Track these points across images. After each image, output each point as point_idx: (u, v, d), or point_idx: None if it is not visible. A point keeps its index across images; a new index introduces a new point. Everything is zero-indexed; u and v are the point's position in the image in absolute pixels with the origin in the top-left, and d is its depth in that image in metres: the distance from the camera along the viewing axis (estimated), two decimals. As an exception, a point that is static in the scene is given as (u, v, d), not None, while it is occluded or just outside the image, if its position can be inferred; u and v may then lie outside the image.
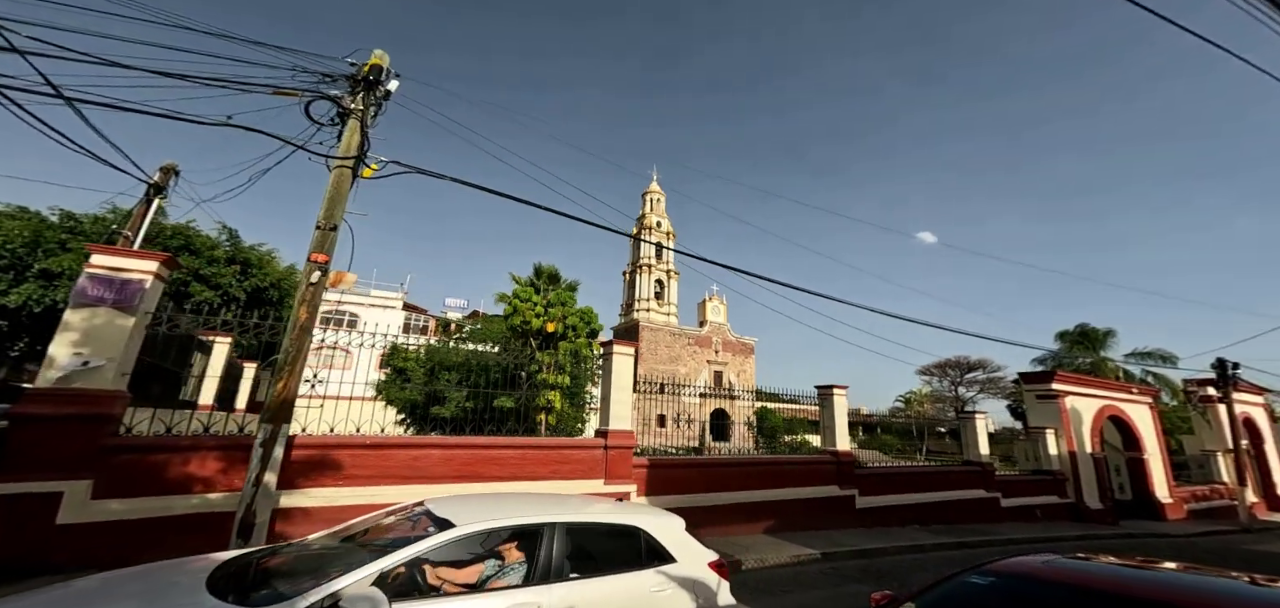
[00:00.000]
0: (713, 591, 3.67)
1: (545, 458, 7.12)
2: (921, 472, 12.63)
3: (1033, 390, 15.64)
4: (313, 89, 5.04)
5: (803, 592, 6.40)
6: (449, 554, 3.06)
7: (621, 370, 8.59)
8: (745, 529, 9.40)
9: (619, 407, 8.32)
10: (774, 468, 10.44)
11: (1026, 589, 2.65)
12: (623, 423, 8.30)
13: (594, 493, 7.65)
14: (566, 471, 7.32)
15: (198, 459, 5.10)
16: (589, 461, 7.72)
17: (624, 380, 8.57)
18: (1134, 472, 16.50)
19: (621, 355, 8.70)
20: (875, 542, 9.62)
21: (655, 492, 8.31)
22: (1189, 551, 11.32)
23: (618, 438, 8.17)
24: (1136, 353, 34.52)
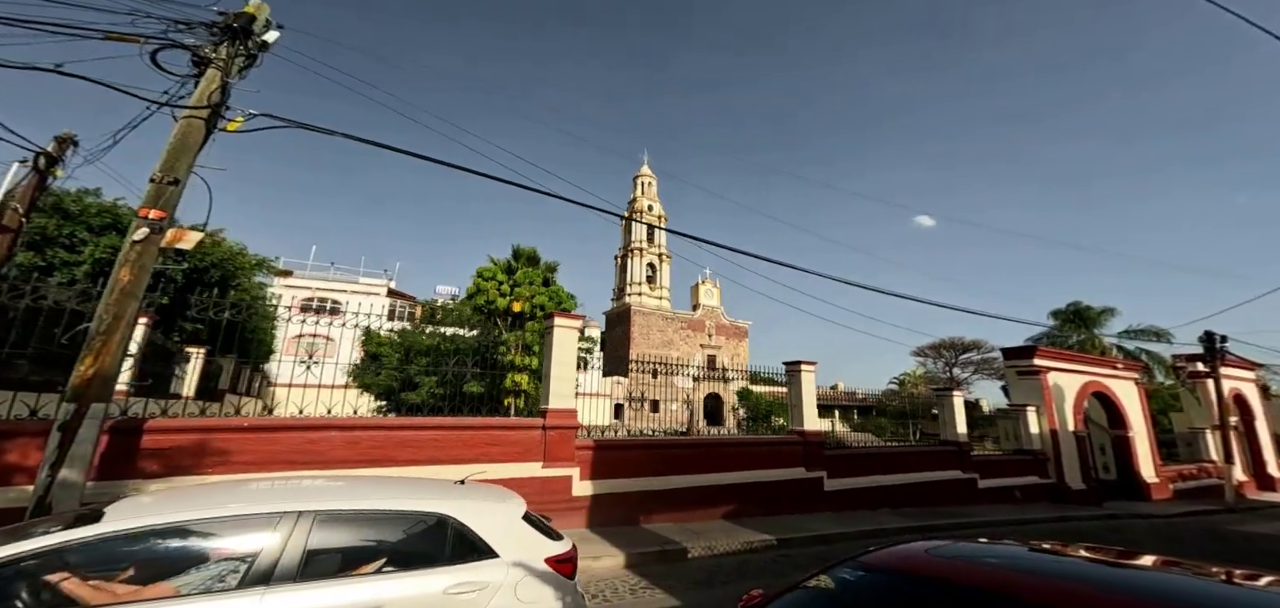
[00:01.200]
0: (547, 593, 2.95)
1: (472, 440, 6.66)
2: (894, 452, 12.20)
3: (1014, 366, 15.17)
4: (161, 36, 4.48)
5: (743, 582, 5.94)
6: (94, 557, 2.29)
7: (563, 345, 8.09)
8: (703, 514, 8.98)
9: (560, 384, 7.84)
10: (737, 450, 10.00)
11: (897, 586, 2.17)
12: (565, 402, 7.83)
13: (532, 477, 7.19)
14: (497, 453, 6.87)
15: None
16: (525, 442, 7.26)
17: (566, 357, 8.08)
18: (1119, 450, 16.10)
19: (563, 330, 8.20)
20: (839, 526, 9.22)
21: (600, 476, 7.87)
22: (1166, 532, 10.93)
23: (558, 418, 7.70)
24: (1130, 331, 33.96)
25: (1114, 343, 33.69)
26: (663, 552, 6.68)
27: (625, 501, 8.06)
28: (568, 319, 8.36)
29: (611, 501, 7.90)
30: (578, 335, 8.30)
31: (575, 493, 7.45)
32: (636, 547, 6.66)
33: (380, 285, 37.92)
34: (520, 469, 7.04)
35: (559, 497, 7.29)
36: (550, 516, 7.18)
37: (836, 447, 11.94)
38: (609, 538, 6.97)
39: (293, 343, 24.07)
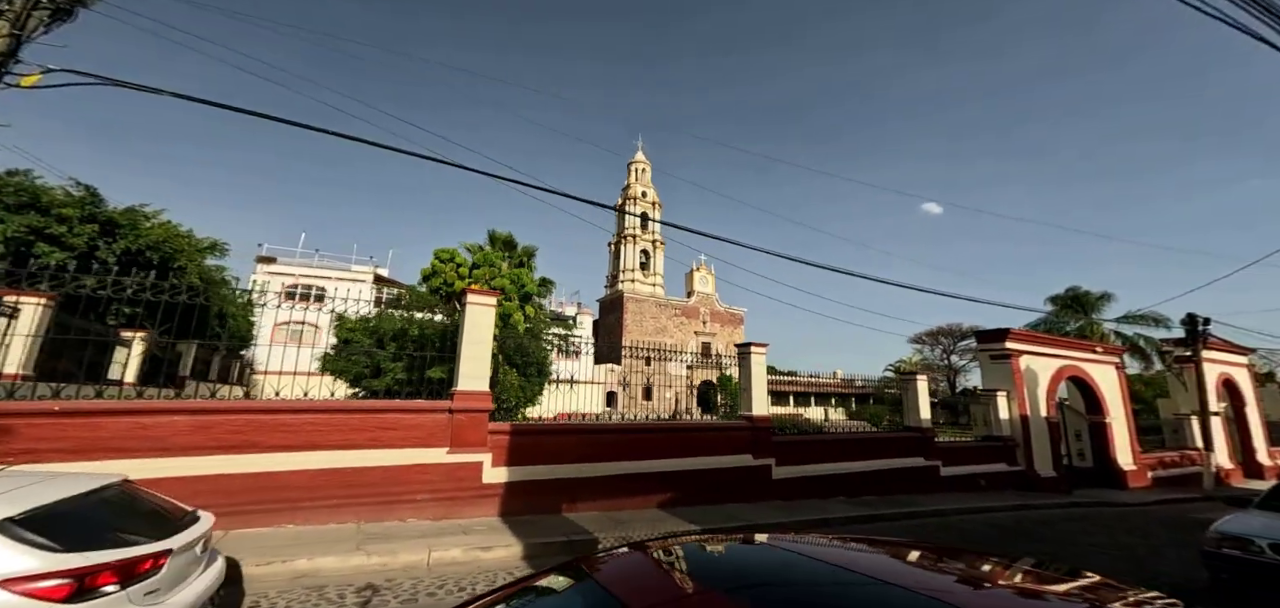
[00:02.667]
0: None
1: (359, 424, 6.34)
2: (850, 439, 11.84)
3: (987, 350, 14.70)
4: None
5: None
6: None
7: (477, 324, 7.70)
8: (637, 503, 8.66)
9: (473, 364, 7.46)
10: (678, 435, 9.66)
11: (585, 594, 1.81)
12: (476, 383, 7.45)
13: (435, 464, 6.85)
14: (392, 438, 6.56)
15: None
16: (429, 426, 6.93)
17: (481, 336, 7.69)
18: (1096, 437, 15.64)
19: (477, 307, 7.82)
20: (781, 516, 8.91)
21: (517, 462, 7.54)
22: (1120, 520, 10.50)
23: (469, 400, 7.32)
24: (1128, 316, 33.27)
25: (1113, 328, 33.08)
26: (569, 543, 6.36)
27: (547, 489, 7.75)
28: (482, 296, 7.97)
29: (530, 489, 7.58)
30: (492, 314, 7.91)
31: (486, 480, 7.14)
32: (542, 537, 6.35)
33: (367, 272, 37.71)
34: (421, 455, 6.72)
35: (467, 484, 6.99)
36: (457, 504, 6.96)
37: (789, 432, 11.57)
38: (518, 528, 6.66)
39: (279, 330, 24.00)
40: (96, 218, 11.16)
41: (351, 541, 5.35)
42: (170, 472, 5.11)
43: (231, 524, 5.26)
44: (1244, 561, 5.21)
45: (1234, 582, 5.29)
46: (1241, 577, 5.22)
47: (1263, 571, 5.07)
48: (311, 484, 5.89)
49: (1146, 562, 6.84)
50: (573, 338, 42.17)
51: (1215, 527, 5.69)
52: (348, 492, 6.05)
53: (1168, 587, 5.71)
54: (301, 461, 5.88)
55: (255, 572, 4.44)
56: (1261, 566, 5.09)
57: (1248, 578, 5.17)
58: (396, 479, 6.45)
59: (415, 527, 6.22)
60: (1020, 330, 14.27)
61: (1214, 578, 5.49)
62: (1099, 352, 16.18)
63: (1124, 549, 7.66)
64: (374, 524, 6.05)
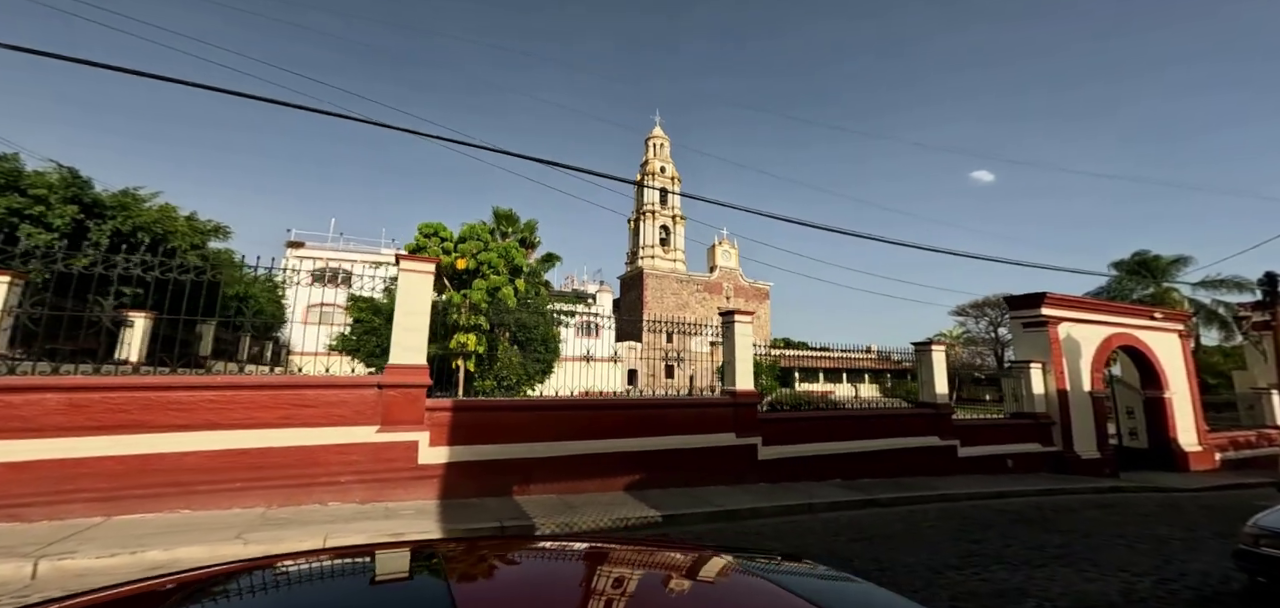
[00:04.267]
0: None
1: (271, 401, 5.92)
2: (849, 416, 10.76)
3: (1020, 317, 13.09)
4: None
5: None
6: None
7: (411, 293, 7.09)
8: (603, 485, 8.02)
9: (407, 336, 6.89)
10: (651, 412, 8.94)
11: None
12: (411, 356, 6.89)
13: (362, 443, 6.36)
14: (310, 416, 6.10)
15: None
16: (355, 403, 6.42)
17: (415, 306, 7.08)
18: (1152, 414, 13.81)
19: (411, 275, 7.22)
20: (759, 501, 8.05)
21: (462, 441, 6.99)
22: (1181, 507, 9.02)
23: (402, 375, 6.75)
24: (1207, 281, 29.75)
25: (1187, 296, 29.80)
26: (502, 528, 5.80)
27: (496, 469, 7.18)
28: (417, 262, 7.33)
29: (477, 469, 7.04)
30: (430, 281, 7.32)
31: (422, 461, 6.62)
32: (472, 522, 5.83)
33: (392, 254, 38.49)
34: (346, 434, 6.25)
35: (399, 465, 6.51)
36: (388, 486, 6.24)
37: (781, 409, 10.64)
38: (450, 513, 6.15)
39: (311, 312, 24.78)
40: (80, 199, 11.39)
41: (238, 528, 4.95)
42: (38, 454, 4.85)
43: (113, 510, 4.97)
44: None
45: (1275, 588, 4.13)
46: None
47: None
48: (210, 467, 5.52)
49: (1176, 559, 5.64)
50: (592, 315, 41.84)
51: (1255, 520, 4.47)
52: (255, 475, 5.68)
53: (1191, 593, 4.59)
54: (197, 441, 5.51)
55: (93, 565, 4.08)
56: None
57: None
58: (314, 461, 6.02)
59: (331, 512, 5.79)
60: (1059, 295, 12.59)
61: (1251, 582, 4.33)
62: (1157, 317, 14.16)
63: (1154, 543, 6.43)
64: (286, 509, 5.67)
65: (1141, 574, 5.03)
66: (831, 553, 5.78)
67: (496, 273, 14.18)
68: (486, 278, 13.96)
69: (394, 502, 6.30)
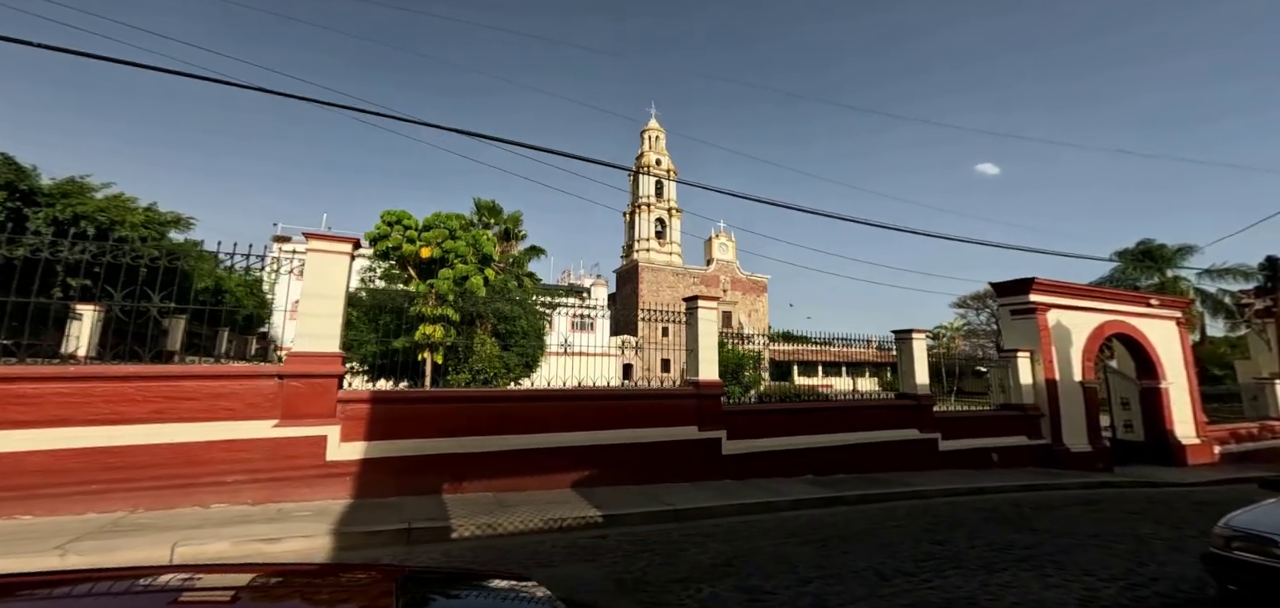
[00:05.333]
0: None
1: (139, 393, 5.39)
2: (822, 409, 10.25)
3: (1008, 304, 12.51)
4: None
5: None
6: None
7: (320, 275, 6.50)
8: (547, 482, 7.52)
9: (315, 322, 6.29)
10: (605, 405, 8.45)
11: None
12: (319, 344, 6.27)
13: (256, 439, 5.82)
14: (190, 410, 5.55)
15: None
16: (247, 395, 5.84)
17: (328, 289, 6.46)
18: (1148, 405, 13.20)
19: (319, 255, 6.58)
20: (717, 498, 7.55)
21: (381, 436, 6.50)
22: (1172, 503, 8.46)
23: (307, 363, 6.17)
24: (1211, 269, 29.00)
25: (1193, 285, 29.11)
26: (409, 530, 5.30)
27: (424, 466, 6.71)
28: (325, 242, 6.69)
29: (400, 466, 6.56)
30: (346, 262, 6.79)
31: (332, 458, 6.09)
32: (374, 525, 5.28)
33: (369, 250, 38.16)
34: (236, 429, 5.70)
35: (303, 463, 5.99)
36: (288, 486, 5.68)
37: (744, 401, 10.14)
38: (354, 514, 5.62)
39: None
40: (14, 187, 10.96)
41: (72, 535, 4.41)
42: None
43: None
44: (1262, 568, 3.51)
45: (1248, 596, 3.59)
46: (1258, 591, 3.53)
47: None
48: (59, 467, 5.00)
49: (1152, 561, 5.12)
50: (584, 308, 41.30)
51: (1227, 520, 3.92)
52: (118, 476, 5.18)
53: (1160, 601, 4.04)
54: (43, 439, 4.98)
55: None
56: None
57: (1267, 593, 3.49)
58: (195, 459, 5.51)
59: (209, 515, 5.29)
60: (1048, 280, 11.99)
61: (1222, 590, 3.80)
62: (1154, 305, 13.52)
63: (1134, 543, 5.90)
64: (154, 513, 5.15)
65: (1109, 580, 4.51)
66: (778, 557, 5.29)
67: (464, 262, 13.70)
68: (454, 267, 13.48)
69: (294, 503, 5.80)
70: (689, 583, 4.44)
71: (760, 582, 4.53)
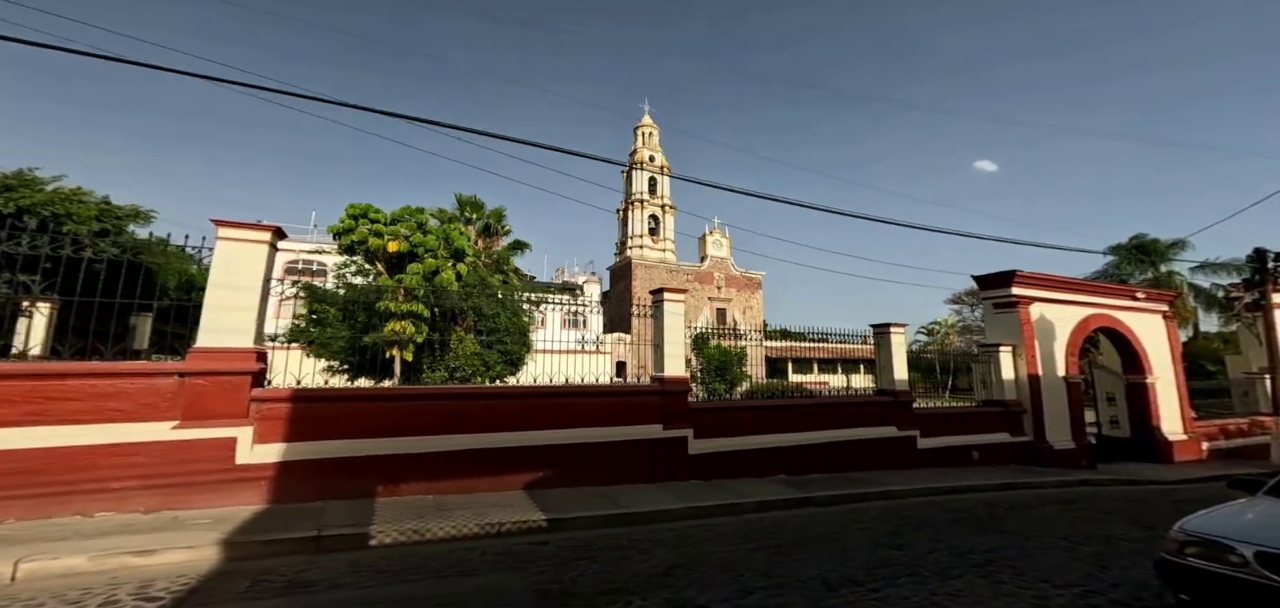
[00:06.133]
0: None
1: (14, 392, 4.99)
2: (796, 407, 9.94)
3: (990, 298, 12.21)
4: None
5: (311, 594, 3.90)
6: None
7: (233, 266, 6.07)
8: (497, 484, 7.16)
9: (225, 314, 5.90)
10: (563, 402, 8.11)
11: None
12: (231, 339, 5.88)
13: (152, 442, 5.44)
14: (73, 410, 5.14)
15: None
16: (139, 394, 5.45)
17: (241, 280, 6.05)
18: (1134, 401, 12.92)
19: (237, 244, 6.17)
20: (679, 501, 7.21)
21: (304, 437, 6.11)
22: (1152, 502, 8.17)
23: (214, 360, 5.75)
24: (1206, 264, 28.81)
25: (1186, 279, 28.94)
26: (317, 538, 4.89)
27: (354, 468, 6.32)
28: (239, 229, 6.18)
29: (326, 469, 6.17)
30: (264, 251, 6.33)
31: (243, 461, 5.76)
32: (283, 532, 4.92)
33: (365, 247, 37.69)
34: (126, 432, 5.31)
35: (208, 467, 5.62)
36: (190, 492, 5.30)
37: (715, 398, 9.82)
38: (261, 521, 5.24)
39: (283, 305, 23.93)
40: None
41: None
42: None
43: None
44: (1216, 577, 3.18)
45: (1201, 606, 3.28)
46: (1211, 602, 3.23)
47: (1244, 593, 3.07)
48: None
49: (1116, 565, 4.84)
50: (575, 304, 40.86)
51: (1182, 524, 3.61)
52: None
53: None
54: None
55: None
56: (1241, 585, 3.07)
57: (1220, 604, 3.19)
58: (76, 464, 5.12)
59: (87, 525, 4.89)
60: (1031, 273, 11.69)
61: (1175, 601, 3.49)
62: (1140, 298, 13.22)
63: (1102, 544, 5.61)
64: (29, 523, 4.79)
65: (1065, 586, 4.22)
66: (726, 564, 4.98)
67: (435, 256, 13.35)
68: (423, 261, 13.13)
69: (194, 510, 5.41)
70: (619, 595, 4.12)
71: (696, 594, 4.22)
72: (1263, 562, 3.04)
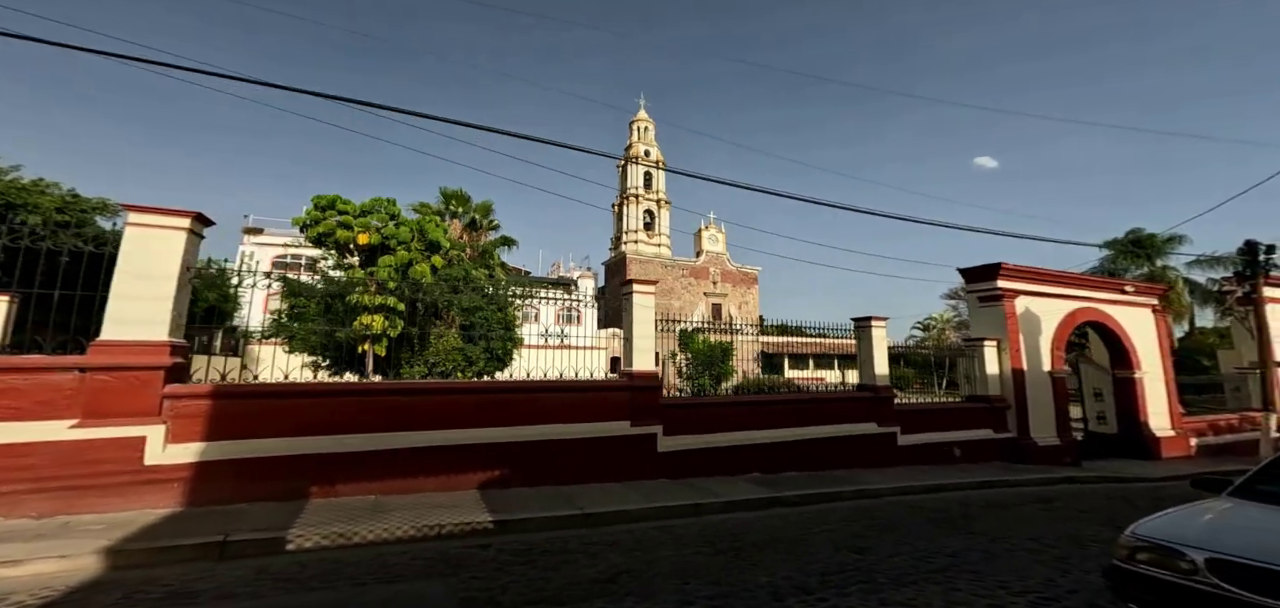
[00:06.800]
0: None
1: None
2: (770, 402, 9.68)
3: (975, 291, 11.93)
4: None
5: None
6: None
7: (147, 253, 5.73)
8: (449, 483, 6.85)
9: (133, 304, 5.54)
10: (524, 398, 7.84)
11: None
12: (141, 331, 5.52)
13: (48, 442, 5.10)
14: None
15: None
16: (32, 391, 5.14)
17: (154, 269, 5.69)
18: (1122, 396, 12.67)
19: (149, 229, 5.81)
20: (642, 501, 6.94)
21: (226, 435, 5.76)
22: (1133, 500, 7.92)
23: (120, 354, 5.40)
24: (1203, 258, 28.50)
25: (1182, 274, 28.66)
26: (222, 544, 4.56)
27: (284, 468, 6.01)
28: (152, 215, 5.82)
29: (248, 470, 5.84)
30: (180, 237, 5.90)
31: (154, 462, 5.42)
32: (175, 539, 4.59)
33: (354, 240, 37.39)
34: (16, 431, 4.99)
35: (113, 468, 5.29)
36: (91, 495, 5.01)
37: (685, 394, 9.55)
38: (162, 527, 4.92)
39: (271, 299, 23.56)
40: None
41: None
42: None
43: None
44: (1165, 584, 2.93)
45: None
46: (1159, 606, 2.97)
47: (1193, 602, 2.81)
48: None
49: (1080, 568, 4.60)
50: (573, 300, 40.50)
51: (1134, 528, 3.36)
52: None
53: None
54: None
55: None
56: (1190, 594, 2.82)
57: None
58: None
59: None
60: (1016, 265, 11.41)
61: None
62: (1128, 291, 12.96)
63: (1070, 546, 5.38)
64: None
65: (1021, 592, 3.98)
66: (678, 569, 4.73)
67: (407, 249, 13.05)
68: (396, 253, 12.84)
69: (93, 515, 5.09)
70: (548, 606, 3.87)
71: (635, 603, 3.97)
72: (1214, 569, 2.79)
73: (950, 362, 47.05)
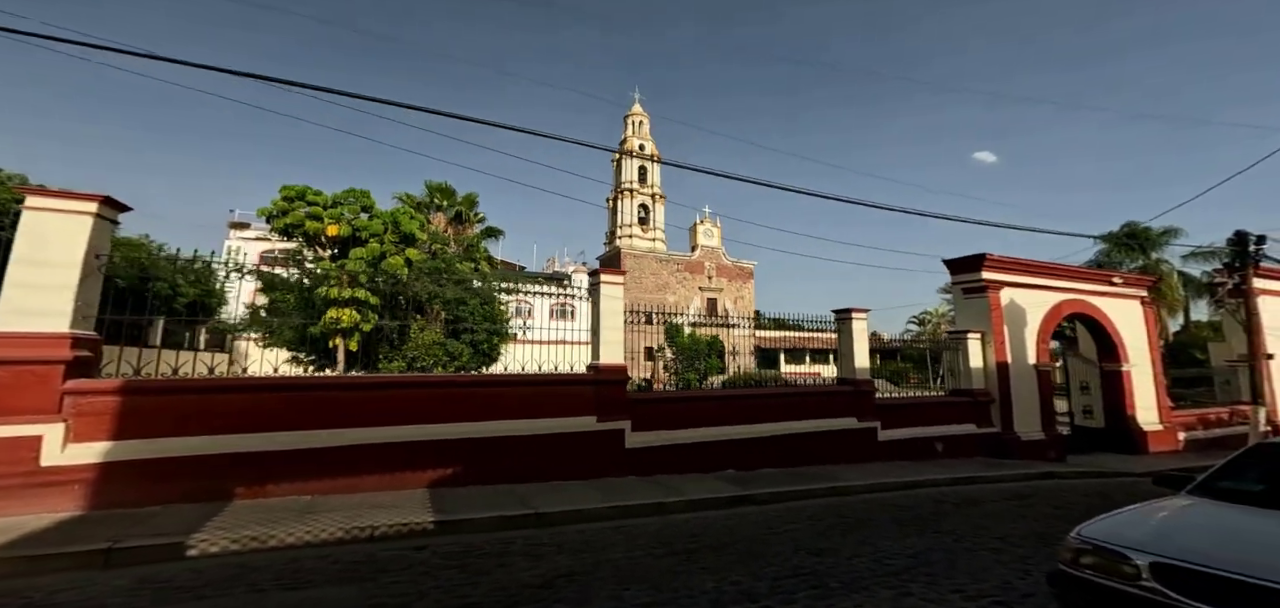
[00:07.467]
0: None
1: None
2: (745, 397, 9.44)
3: (960, 283, 11.66)
4: None
5: None
6: None
7: (46, 239, 5.34)
8: (396, 481, 6.52)
9: (29, 295, 5.17)
10: (481, 392, 7.57)
11: None
12: (35, 322, 5.16)
13: None
14: None
15: None
16: None
17: (53, 256, 5.30)
18: (1109, 390, 12.42)
19: (48, 214, 5.45)
20: (600, 500, 6.67)
21: (136, 434, 5.42)
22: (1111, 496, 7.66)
23: (14, 347, 5.04)
24: (1198, 251, 28.25)
25: (1176, 267, 28.40)
26: (109, 552, 4.21)
27: (203, 468, 5.67)
28: (52, 199, 5.47)
29: (162, 470, 5.52)
30: (86, 223, 5.50)
31: (51, 462, 5.08)
32: (49, 547, 4.25)
33: (343, 235, 37.04)
34: None
35: (5, 470, 4.92)
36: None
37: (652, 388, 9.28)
38: (42, 535, 4.53)
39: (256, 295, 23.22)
40: None
41: None
42: None
43: None
44: (1105, 590, 2.68)
45: None
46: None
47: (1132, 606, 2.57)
48: None
49: (1042, 567, 4.35)
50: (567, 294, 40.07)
51: (1080, 530, 3.11)
52: None
53: None
54: None
55: None
56: (1130, 600, 2.57)
57: None
58: None
59: None
60: (1001, 256, 11.13)
61: None
62: (1116, 283, 12.69)
63: (1035, 545, 5.14)
64: None
65: (976, 596, 3.73)
66: (623, 574, 4.45)
67: (381, 240, 12.74)
68: (368, 245, 12.54)
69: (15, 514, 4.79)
70: (466, 616, 3.59)
71: (564, 612, 3.70)
72: (1157, 574, 2.53)
73: (941, 355, 46.67)
